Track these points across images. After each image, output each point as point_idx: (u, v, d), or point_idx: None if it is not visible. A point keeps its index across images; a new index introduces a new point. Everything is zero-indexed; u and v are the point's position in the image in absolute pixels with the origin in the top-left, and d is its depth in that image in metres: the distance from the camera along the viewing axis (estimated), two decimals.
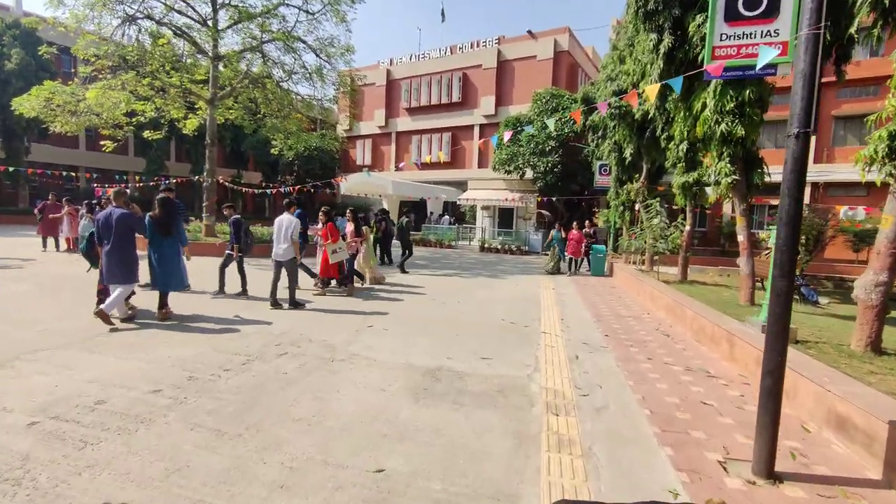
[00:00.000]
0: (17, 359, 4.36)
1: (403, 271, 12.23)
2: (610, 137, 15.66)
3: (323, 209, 8.43)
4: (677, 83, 4.11)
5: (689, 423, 3.60)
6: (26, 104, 13.02)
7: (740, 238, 7.67)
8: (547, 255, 13.93)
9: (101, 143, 15.14)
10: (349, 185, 24.77)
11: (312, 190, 24.79)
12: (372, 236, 14.11)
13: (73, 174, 22.84)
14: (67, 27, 12.77)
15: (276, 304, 7.26)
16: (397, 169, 24.41)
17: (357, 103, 25.26)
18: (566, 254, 13.59)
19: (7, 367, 4.13)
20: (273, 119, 16.64)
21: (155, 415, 3.34)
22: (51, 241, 13.32)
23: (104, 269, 5.81)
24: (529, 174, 22.79)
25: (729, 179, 7.21)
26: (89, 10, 12.48)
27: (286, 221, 7.27)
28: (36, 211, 13.53)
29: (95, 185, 22.66)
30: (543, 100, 22.27)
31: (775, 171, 8.16)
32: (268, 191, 20.38)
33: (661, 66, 7.86)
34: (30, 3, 53.75)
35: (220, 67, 15.22)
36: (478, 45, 28.27)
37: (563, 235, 13.70)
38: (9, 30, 22.00)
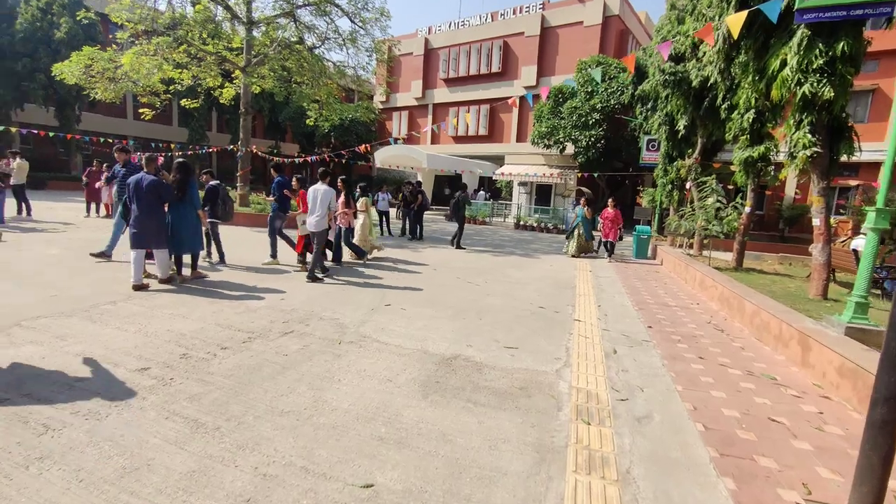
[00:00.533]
0: (18, 325, 4.18)
1: (459, 247, 12.06)
2: (661, 109, 14.31)
3: (296, 177, 8.20)
4: (774, 8, 3.22)
5: (754, 445, 2.93)
6: (66, 70, 13.17)
7: (816, 222, 6.60)
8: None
9: (140, 111, 15.24)
10: (383, 157, 24.30)
11: (344, 161, 24.51)
12: (398, 209, 13.66)
13: (117, 142, 23.37)
14: None
15: (314, 277, 7.05)
16: (432, 141, 23.69)
17: (393, 72, 24.51)
18: (601, 238, 12.49)
19: (3, 334, 3.94)
20: (306, 88, 16.22)
21: (132, 398, 3.01)
22: (94, 206, 13.72)
23: (133, 234, 5.75)
24: (570, 149, 21.51)
25: (808, 152, 6.12)
26: None
27: (321, 192, 7.09)
28: (84, 177, 13.97)
29: (137, 153, 23.21)
30: (589, 68, 20.68)
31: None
32: (297, 160, 20.44)
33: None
34: None
35: (255, 33, 14.85)
36: (520, 11, 26.65)
37: (589, 215, 12.34)
38: None
